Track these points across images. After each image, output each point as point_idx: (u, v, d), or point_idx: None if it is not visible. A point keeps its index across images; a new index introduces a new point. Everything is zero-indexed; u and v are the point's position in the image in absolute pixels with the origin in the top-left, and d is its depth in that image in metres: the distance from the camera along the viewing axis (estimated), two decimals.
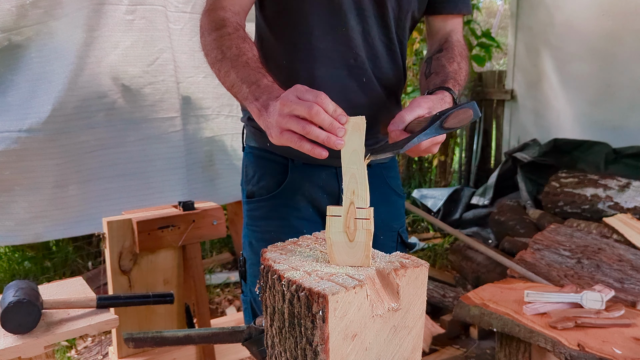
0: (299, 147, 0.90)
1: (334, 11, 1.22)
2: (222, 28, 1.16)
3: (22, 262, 3.68)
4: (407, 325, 0.78)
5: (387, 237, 1.44)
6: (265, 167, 1.38)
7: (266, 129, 0.97)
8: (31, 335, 1.42)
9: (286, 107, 0.90)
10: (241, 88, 1.05)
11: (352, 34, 1.24)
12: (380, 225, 1.40)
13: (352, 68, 1.27)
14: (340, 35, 1.24)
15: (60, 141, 2.53)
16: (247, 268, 1.42)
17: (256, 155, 1.41)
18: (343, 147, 0.83)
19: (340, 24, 1.22)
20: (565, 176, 3.50)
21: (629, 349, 1.61)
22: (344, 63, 1.26)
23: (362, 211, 0.80)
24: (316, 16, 1.23)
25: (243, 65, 1.08)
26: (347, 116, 0.87)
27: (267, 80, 1.04)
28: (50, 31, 2.48)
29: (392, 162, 1.49)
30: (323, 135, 0.86)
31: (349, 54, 1.26)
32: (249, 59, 1.09)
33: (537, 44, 4.68)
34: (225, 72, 1.10)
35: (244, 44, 1.13)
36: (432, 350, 2.75)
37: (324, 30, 1.23)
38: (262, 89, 1.02)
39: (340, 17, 1.22)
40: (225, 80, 1.11)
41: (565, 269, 2.30)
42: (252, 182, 1.40)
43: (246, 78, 1.05)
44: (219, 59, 1.12)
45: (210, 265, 3.84)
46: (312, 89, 0.90)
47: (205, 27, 1.20)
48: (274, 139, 0.94)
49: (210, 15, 1.21)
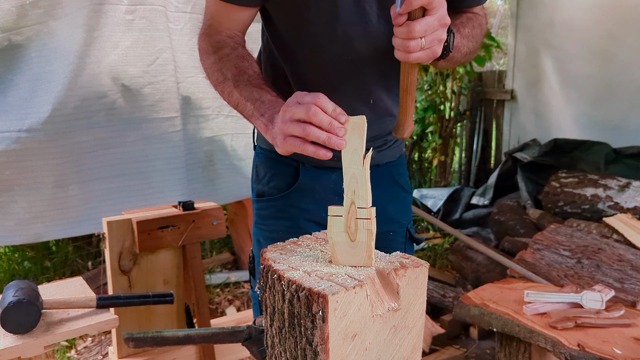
0: (303, 151, 0.91)
1: (341, 43, 1.19)
2: (220, 50, 1.18)
3: (22, 262, 3.67)
4: (407, 325, 0.78)
5: (397, 233, 1.45)
6: (276, 168, 1.39)
7: (272, 141, 0.98)
8: (31, 335, 1.42)
9: (287, 113, 0.92)
10: (246, 106, 1.08)
11: (359, 63, 1.21)
12: (391, 222, 1.43)
13: (360, 92, 1.26)
14: (347, 62, 1.21)
15: (60, 141, 2.53)
16: (255, 265, 1.45)
17: (267, 156, 1.41)
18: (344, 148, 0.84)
19: (346, 52, 1.20)
20: (565, 176, 3.50)
21: (629, 349, 1.61)
22: (351, 89, 1.25)
23: (363, 211, 0.80)
24: (324, 48, 1.21)
25: (245, 84, 1.10)
26: (346, 115, 0.87)
27: (270, 96, 1.06)
28: (50, 31, 2.48)
29: (401, 160, 1.50)
30: (323, 136, 0.86)
31: (355, 78, 1.24)
32: (250, 77, 1.11)
33: (537, 44, 4.68)
34: (229, 93, 1.12)
35: (243, 62, 1.15)
36: (432, 350, 2.75)
37: (332, 61, 1.22)
38: (266, 105, 1.04)
39: (346, 47, 1.20)
40: (229, 100, 1.13)
41: (565, 269, 2.30)
42: (263, 182, 1.41)
43: (249, 96, 1.07)
44: (221, 81, 1.14)
45: (210, 265, 3.83)
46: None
47: (203, 50, 1.22)
48: (279, 148, 0.96)
49: (206, 39, 1.23)
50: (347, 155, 0.83)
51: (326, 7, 1.16)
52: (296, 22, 1.21)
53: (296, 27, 1.22)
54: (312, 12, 1.17)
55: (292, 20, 1.22)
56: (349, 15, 1.17)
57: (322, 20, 1.18)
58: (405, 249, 1.47)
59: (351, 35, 1.18)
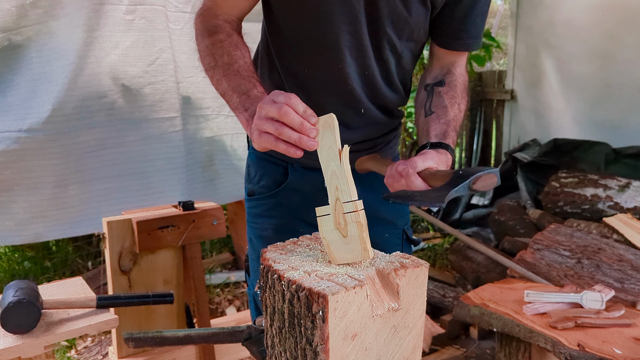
0: (275, 148, 0.93)
1: (332, 50, 1.20)
2: (214, 34, 1.18)
3: (22, 262, 3.67)
4: (407, 325, 0.78)
5: (392, 235, 1.45)
6: (266, 167, 1.41)
7: (250, 136, 1.00)
8: (31, 335, 1.42)
9: (262, 110, 0.93)
10: (232, 97, 1.09)
11: (348, 71, 1.22)
12: (385, 223, 1.42)
13: (350, 101, 1.27)
14: (337, 71, 1.23)
15: (60, 141, 2.53)
16: (249, 263, 1.47)
17: (258, 156, 1.43)
18: (317, 147, 0.85)
19: (336, 61, 1.21)
20: (565, 176, 3.50)
21: (629, 349, 1.61)
22: (341, 96, 1.26)
23: (348, 205, 0.81)
24: (315, 53, 1.22)
25: (234, 74, 1.10)
26: (316, 116, 0.89)
27: (257, 91, 1.07)
28: (50, 31, 2.48)
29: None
30: (295, 136, 0.88)
31: (345, 88, 1.25)
32: (240, 67, 1.11)
33: (537, 44, 4.67)
34: (218, 80, 1.13)
35: (236, 51, 1.15)
36: (432, 350, 2.75)
37: (322, 65, 1.23)
38: (251, 100, 1.05)
39: (337, 55, 1.20)
40: (217, 87, 1.14)
41: (565, 269, 2.30)
42: (254, 181, 1.43)
43: (237, 87, 1.08)
44: (212, 66, 1.15)
45: (210, 265, 3.83)
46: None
47: (199, 31, 1.23)
48: (255, 143, 0.97)
49: (203, 20, 1.23)
50: (323, 154, 0.85)
51: (321, 11, 1.16)
52: (293, 19, 1.22)
53: (293, 25, 1.23)
54: (308, 14, 1.18)
55: (290, 17, 1.23)
56: (343, 23, 1.17)
57: (316, 23, 1.18)
58: (402, 251, 1.47)
59: (342, 43, 1.19)
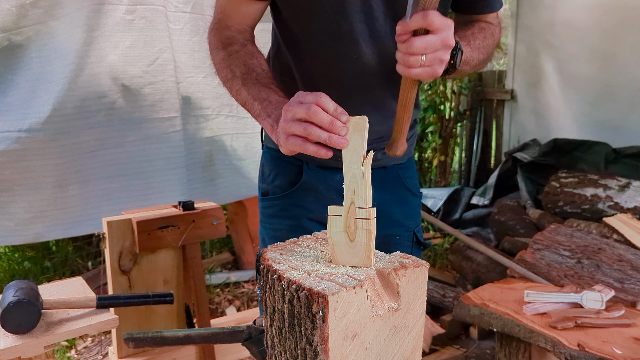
0: (305, 150, 0.91)
1: (347, 40, 1.19)
2: (229, 46, 1.19)
3: (22, 262, 3.67)
4: (407, 325, 0.78)
5: (403, 237, 1.45)
6: (281, 167, 1.40)
7: (277, 141, 0.99)
8: (31, 335, 1.42)
9: (289, 112, 0.92)
10: (253, 105, 1.08)
11: (365, 61, 1.21)
12: (397, 225, 1.42)
13: (367, 94, 1.26)
14: (354, 62, 1.21)
15: (60, 141, 2.53)
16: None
17: (273, 155, 1.42)
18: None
19: (351, 52, 1.20)
20: (565, 176, 3.50)
21: (629, 349, 1.61)
22: (359, 91, 1.25)
23: (362, 211, 0.80)
24: (329, 47, 1.21)
25: (253, 83, 1.10)
26: (348, 115, 0.87)
27: (277, 96, 1.06)
28: (50, 31, 2.48)
29: (410, 162, 1.48)
30: (324, 135, 0.86)
31: (361, 80, 1.24)
32: (258, 75, 1.11)
33: (537, 44, 4.67)
34: (237, 91, 1.13)
35: (252, 60, 1.15)
36: (432, 350, 2.75)
37: (338, 58, 1.21)
38: (273, 105, 1.04)
39: (352, 45, 1.19)
40: (237, 98, 1.14)
41: (565, 269, 2.30)
42: (268, 180, 1.42)
43: (257, 95, 1.08)
44: (229, 77, 1.15)
45: (210, 265, 3.84)
46: None
47: (213, 45, 1.23)
48: (283, 148, 0.96)
49: (217, 34, 1.23)
50: (347, 155, 0.83)
51: (333, 3, 1.16)
52: (303, 16, 1.21)
53: (303, 22, 1.22)
54: (319, 7, 1.17)
55: (299, 14, 1.22)
56: (356, 12, 1.16)
57: (328, 16, 1.17)
58: (412, 254, 1.47)
59: (357, 32, 1.18)
